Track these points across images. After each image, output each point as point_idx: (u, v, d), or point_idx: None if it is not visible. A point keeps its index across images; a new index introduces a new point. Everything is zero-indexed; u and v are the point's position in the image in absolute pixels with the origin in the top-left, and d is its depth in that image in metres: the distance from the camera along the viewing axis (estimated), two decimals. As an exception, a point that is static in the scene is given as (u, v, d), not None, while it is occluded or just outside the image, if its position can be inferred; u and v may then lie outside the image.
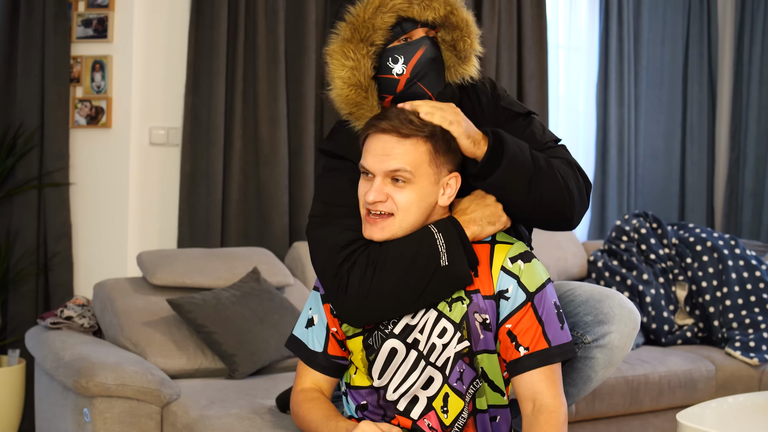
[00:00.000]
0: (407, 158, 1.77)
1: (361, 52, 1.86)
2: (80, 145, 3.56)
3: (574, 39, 4.67)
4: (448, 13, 1.89)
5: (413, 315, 1.81)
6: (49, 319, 2.94)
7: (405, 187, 1.78)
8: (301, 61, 3.70)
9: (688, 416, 2.32)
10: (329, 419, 1.83)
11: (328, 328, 1.90)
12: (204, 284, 3.03)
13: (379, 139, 1.79)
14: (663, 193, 4.90)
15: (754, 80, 4.98)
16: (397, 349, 1.82)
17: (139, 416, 2.41)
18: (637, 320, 1.95)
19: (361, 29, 1.86)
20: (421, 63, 1.88)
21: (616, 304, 1.93)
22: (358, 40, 1.86)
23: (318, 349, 1.92)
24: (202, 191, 3.55)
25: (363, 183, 1.83)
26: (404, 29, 1.88)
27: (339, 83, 1.88)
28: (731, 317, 3.63)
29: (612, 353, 1.93)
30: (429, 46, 1.89)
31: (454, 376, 1.80)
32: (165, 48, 3.60)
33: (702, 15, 4.91)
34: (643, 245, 3.83)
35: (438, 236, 1.78)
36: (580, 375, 1.97)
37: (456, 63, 1.95)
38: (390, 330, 1.83)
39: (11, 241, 3.45)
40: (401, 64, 1.88)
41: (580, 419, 3.14)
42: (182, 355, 2.78)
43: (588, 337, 1.93)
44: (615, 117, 4.63)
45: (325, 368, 1.93)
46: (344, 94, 1.88)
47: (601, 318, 1.92)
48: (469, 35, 1.93)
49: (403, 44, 1.88)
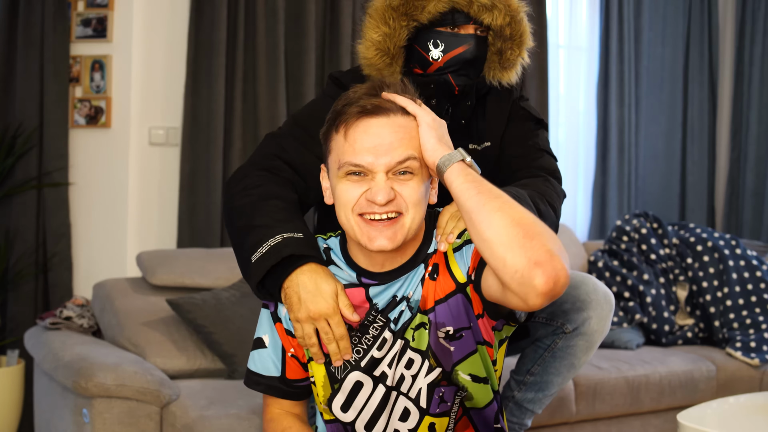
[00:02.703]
0: (411, 144, 1.52)
1: (401, 23, 1.81)
2: (80, 145, 3.56)
3: (575, 39, 4.66)
4: (506, 23, 1.83)
5: (379, 347, 1.63)
6: (49, 319, 2.94)
7: (411, 178, 1.53)
8: (301, 61, 3.69)
9: (689, 417, 2.32)
10: None
11: (283, 350, 1.70)
12: (204, 284, 3.02)
13: (369, 125, 1.51)
14: (663, 193, 4.89)
15: (755, 80, 4.97)
16: (362, 382, 1.65)
17: (138, 417, 2.40)
18: (611, 301, 1.96)
19: (410, 4, 1.81)
20: (459, 59, 1.84)
21: (591, 288, 1.94)
22: (402, 12, 1.81)
23: (275, 373, 1.70)
24: (202, 191, 3.54)
25: (351, 186, 1.53)
26: (455, 20, 1.82)
27: (368, 43, 1.84)
28: (732, 317, 3.62)
29: (592, 338, 1.96)
30: (473, 46, 1.84)
31: (435, 404, 1.64)
32: (165, 48, 3.59)
33: (702, 14, 4.91)
34: (644, 245, 3.83)
35: (278, 238, 1.62)
36: (563, 363, 2.00)
37: (497, 67, 1.91)
38: (355, 360, 1.64)
39: (10, 241, 3.44)
40: (440, 51, 1.83)
41: (580, 419, 3.14)
42: (182, 356, 2.77)
43: (569, 327, 1.95)
44: (615, 117, 4.63)
45: (289, 393, 1.72)
46: (369, 56, 1.84)
47: (579, 305, 1.93)
48: (520, 47, 1.88)
49: (449, 33, 1.83)
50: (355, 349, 1.64)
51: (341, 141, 1.53)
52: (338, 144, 1.54)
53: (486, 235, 1.39)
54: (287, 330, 1.69)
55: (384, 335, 1.63)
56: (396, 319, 1.63)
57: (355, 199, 1.53)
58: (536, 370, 2.03)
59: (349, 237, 1.62)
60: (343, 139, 1.52)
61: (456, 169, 1.48)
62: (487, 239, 1.39)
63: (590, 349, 1.98)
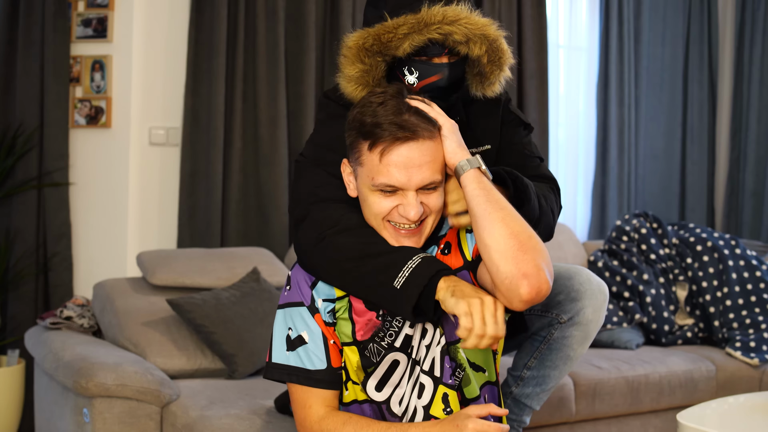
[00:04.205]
0: (437, 165, 1.69)
1: (377, 59, 1.84)
2: (80, 145, 3.56)
3: (574, 39, 4.66)
4: (483, 53, 1.85)
5: (411, 324, 1.74)
6: (49, 319, 2.94)
7: (435, 190, 1.72)
8: (301, 61, 3.69)
9: (689, 416, 2.32)
10: (387, 429, 1.71)
11: (325, 339, 1.78)
12: (204, 284, 3.03)
13: (402, 150, 1.66)
14: (663, 193, 4.90)
15: (755, 80, 4.97)
16: (399, 361, 1.75)
17: (138, 416, 2.41)
18: (605, 292, 1.99)
19: (384, 45, 1.82)
20: (433, 86, 1.87)
21: (584, 279, 1.98)
22: (377, 51, 1.83)
23: (321, 366, 1.77)
24: (202, 191, 3.55)
25: (383, 199, 1.69)
26: (428, 52, 1.85)
27: (348, 78, 1.86)
28: (732, 317, 3.62)
29: (587, 328, 1.98)
30: (446, 74, 1.87)
31: (447, 374, 1.73)
32: (165, 48, 3.60)
33: (702, 15, 4.91)
34: (644, 245, 3.83)
35: (416, 259, 1.68)
36: (559, 355, 2.02)
37: (478, 83, 1.93)
38: (388, 343, 1.75)
39: (11, 241, 3.44)
40: (414, 77, 1.87)
41: (580, 419, 3.14)
42: (182, 356, 2.77)
43: (564, 317, 1.97)
44: (615, 117, 4.63)
45: (332, 383, 1.78)
46: (350, 90, 1.87)
47: (573, 295, 1.96)
48: (501, 67, 1.90)
49: (423, 62, 1.86)
50: (387, 333, 1.75)
51: (375, 161, 1.68)
52: (372, 162, 1.68)
53: (486, 240, 1.61)
54: (326, 321, 1.78)
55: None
56: None
57: (386, 211, 1.70)
58: (533, 363, 2.05)
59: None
60: (378, 161, 1.67)
61: (471, 174, 1.69)
62: (487, 245, 1.61)
63: (586, 340, 2.00)
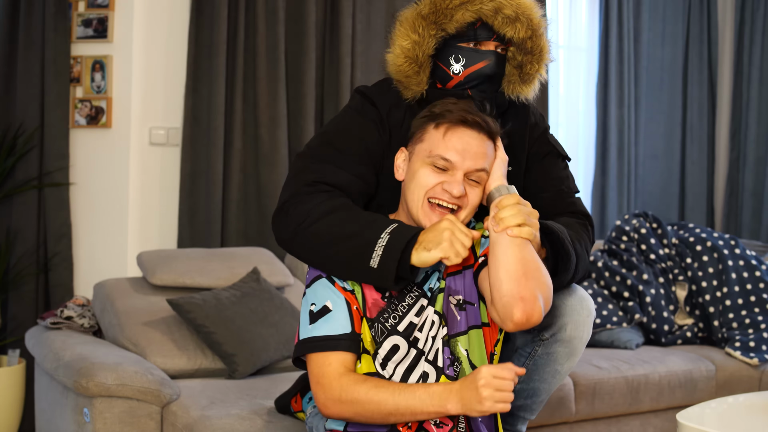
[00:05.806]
0: (487, 162, 1.82)
1: (430, 32, 1.90)
2: (80, 145, 3.56)
3: (574, 39, 4.67)
4: (528, 37, 1.92)
5: (417, 313, 1.81)
6: (49, 319, 2.94)
7: (478, 186, 1.82)
8: (301, 62, 3.70)
9: (688, 416, 2.32)
10: (407, 388, 1.72)
11: (348, 305, 1.80)
12: (204, 284, 3.03)
13: (465, 133, 1.80)
14: (663, 193, 4.90)
15: (754, 80, 4.98)
16: (399, 346, 1.81)
17: (139, 416, 2.41)
18: (590, 306, 1.97)
19: (439, 13, 1.88)
20: (478, 74, 1.92)
21: (566, 293, 1.96)
22: (432, 21, 1.89)
23: (346, 330, 1.78)
24: (202, 191, 3.55)
25: (432, 173, 1.80)
26: (477, 36, 1.91)
27: (398, 51, 1.92)
28: (731, 317, 3.63)
29: (571, 344, 1.95)
30: (493, 62, 1.92)
31: (446, 364, 1.81)
32: (165, 48, 3.60)
33: (702, 15, 4.91)
34: (643, 245, 3.83)
35: (384, 236, 1.74)
36: (546, 370, 1.99)
37: (517, 81, 1.98)
38: (392, 324, 1.81)
39: (11, 241, 3.45)
40: (460, 65, 1.92)
41: (580, 419, 3.14)
42: (182, 355, 2.78)
43: (545, 334, 1.95)
44: (615, 117, 4.64)
45: (352, 347, 1.78)
46: (398, 63, 1.92)
47: (553, 311, 1.94)
48: (540, 62, 1.96)
49: (471, 49, 1.91)
50: (392, 316, 1.81)
51: (438, 137, 1.80)
52: (434, 138, 1.81)
53: (500, 256, 1.72)
54: (344, 288, 1.82)
55: (421, 302, 1.83)
56: (431, 288, 1.84)
57: (432, 184, 1.80)
58: (521, 377, 2.02)
59: (407, 212, 1.85)
60: (441, 136, 1.80)
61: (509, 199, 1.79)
62: (499, 260, 1.72)
63: (573, 355, 1.97)
